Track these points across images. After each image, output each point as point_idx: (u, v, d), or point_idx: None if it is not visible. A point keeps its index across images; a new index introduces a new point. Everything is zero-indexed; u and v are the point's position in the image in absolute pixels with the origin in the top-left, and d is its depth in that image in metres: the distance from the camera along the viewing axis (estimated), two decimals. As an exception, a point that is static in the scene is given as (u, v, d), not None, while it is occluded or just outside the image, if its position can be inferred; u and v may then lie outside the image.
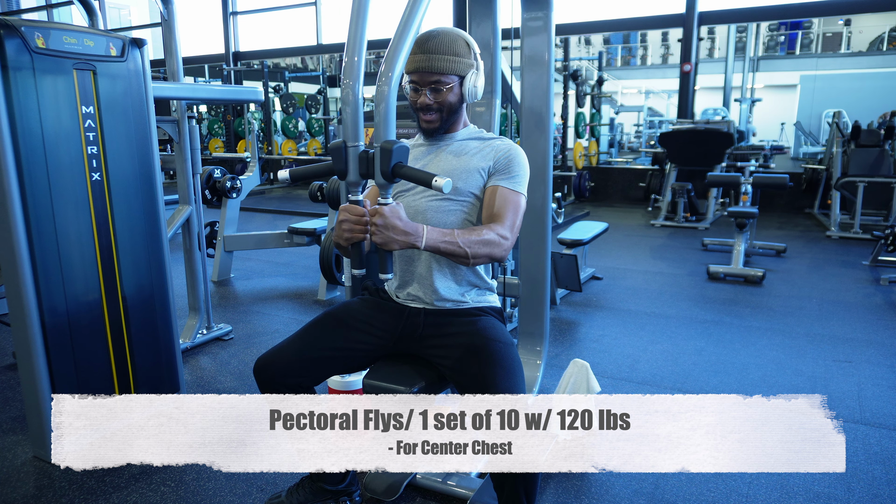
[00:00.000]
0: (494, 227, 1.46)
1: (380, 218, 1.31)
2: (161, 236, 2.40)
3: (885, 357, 3.06)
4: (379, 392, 1.55)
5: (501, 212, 1.50)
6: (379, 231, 1.31)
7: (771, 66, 19.37)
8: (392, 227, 1.31)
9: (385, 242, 1.32)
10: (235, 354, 3.14)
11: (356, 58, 1.33)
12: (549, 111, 2.28)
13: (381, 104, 1.36)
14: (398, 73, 1.36)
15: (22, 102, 1.90)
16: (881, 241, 4.75)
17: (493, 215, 1.51)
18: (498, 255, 1.45)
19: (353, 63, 1.33)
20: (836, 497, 1.91)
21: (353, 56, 1.33)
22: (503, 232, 1.46)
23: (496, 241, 1.44)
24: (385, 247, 1.33)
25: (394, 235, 1.32)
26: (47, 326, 2.03)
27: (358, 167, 1.35)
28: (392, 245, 1.32)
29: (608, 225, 4.82)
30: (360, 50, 1.33)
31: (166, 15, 2.84)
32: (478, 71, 1.56)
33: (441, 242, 1.38)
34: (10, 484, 1.99)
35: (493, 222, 1.49)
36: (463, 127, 1.65)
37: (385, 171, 1.31)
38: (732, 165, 7.20)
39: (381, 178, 1.32)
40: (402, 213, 1.34)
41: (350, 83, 1.33)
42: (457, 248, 1.40)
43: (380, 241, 1.32)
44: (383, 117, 1.37)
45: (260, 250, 5.48)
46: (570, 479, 2.02)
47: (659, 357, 3.08)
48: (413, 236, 1.34)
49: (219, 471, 2.07)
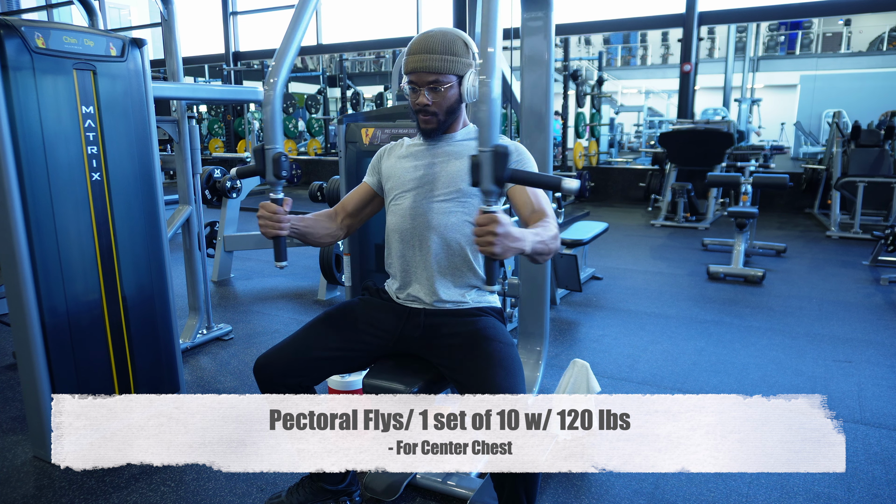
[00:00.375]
0: (549, 220, 1.43)
1: (499, 226, 1.18)
2: (161, 236, 2.40)
3: (885, 357, 3.06)
4: (379, 392, 1.55)
5: (542, 206, 1.48)
6: (499, 241, 1.19)
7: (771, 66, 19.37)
8: (510, 235, 1.20)
9: (504, 251, 1.21)
10: (235, 354, 3.14)
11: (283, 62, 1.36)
12: (549, 111, 2.27)
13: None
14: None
15: (22, 102, 1.90)
16: (881, 241, 4.75)
17: (535, 211, 1.48)
18: (559, 247, 1.43)
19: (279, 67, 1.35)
20: (836, 497, 1.91)
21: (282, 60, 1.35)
22: (556, 224, 1.44)
23: (558, 234, 1.41)
24: (503, 256, 1.22)
25: (510, 244, 1.21)
26: (47, 326, 2.03)
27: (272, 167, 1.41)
28: (508, 254, 1.22)
29: (608, 225, 4.82)
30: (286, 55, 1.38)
31: (166, 15, 2.84)
32: (476, 71, 1.56)
33: (537, 244, 1.32)
34: (10, 484, 1.99)
35: (540, 218, 1.45)
36: (462, 127, 1.65)
37: (500, 176, 1.18)
38: (732, 165, 7.20)
39: (491, 185, 1.19)
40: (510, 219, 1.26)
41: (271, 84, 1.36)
42: (545, 247, 1.34)
43: (499, 251, 1.20)
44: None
45: (260, 250, 5.48)
46: (570, 479, 2.02)
47: (659, 357, 3.08)
48: (522, 241, 1.25)
49: (219, 471, 2.07)
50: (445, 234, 1.58)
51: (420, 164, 1.62)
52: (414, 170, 1.63)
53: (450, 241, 1.58)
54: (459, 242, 1.58)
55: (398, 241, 1.63)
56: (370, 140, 2.52)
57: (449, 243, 1.58)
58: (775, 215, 7.81)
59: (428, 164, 1.61)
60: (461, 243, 1.59)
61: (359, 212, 1.73)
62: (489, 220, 1.18)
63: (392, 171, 1.67)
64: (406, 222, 1.61)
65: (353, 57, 16.27)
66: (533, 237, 1.30)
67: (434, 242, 1.58)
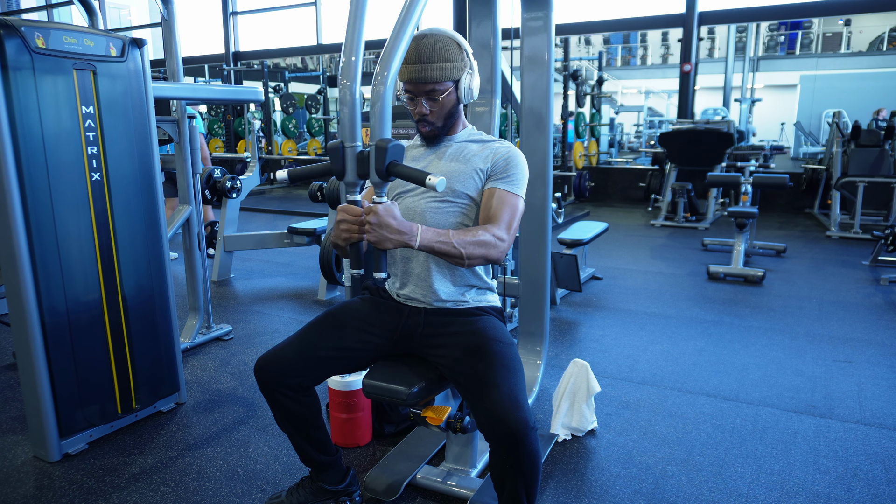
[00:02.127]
0: (490, 228, 1.46)
1: (374, 216, 1.30)
2: (161, 236, 2.40)
3: (885, 357, 3.06)
4: (379, 392, 1.55)
5: (498, 213, 1.50)
6: (373, 229, 1.30)
7: (771, 66, 19.38)
8: (385, 225, 1.30)
9: (378, 241, 1.31)
10: (235, 354, 3.14)
11: (353, 58, 1.32)
12: (549, 111, 2.27)
13: (376, 104, 1.36)
14: (393, 72, 1.36)
15: (22, 102, 1.90)
16: (881, 241, 4.75)
17: (489, 216, 1.51)
18: (494, 256, 1.44)
19: (351, 63, 1.32)
20: (836, 497, 1.91)
21: (351, 56, 1.33)
22: (499, 233, 1.45)
23: (492, 242, 1.43)
24: (378, 245, 1.32)
25: (387, 234, 1.31)
26: (47, 326, 2.03)
27: (356, 167, 1.35)
28: (385, 244, 1.32)
29: (608, 225, 4.82)
30: (358, 50, 1.33)
31: (166, 15, 2.84)
32: (472, 71, 1.56)
33: (435, 242, 1.37)
34: (10, 484, 1.99)
35: (489, 223, 1.49)
36: (462, 128, 1.65)
37: (380, 169, 1.31)
38: (732, 165, 7.20)
39: (376, 177, 1.32)
40: (397, 212, 1.33)
41: (348, 83, 1.33)
42: (451, 249, 1.39)
43: (373, 240, 1.31)
44: (378, 117, 1.36)
45: (260, 250, 5.48)
46: (570, 479, 2.02)
47: (659, 357, 3.08)
48: (407, 235, 1.33)
49: (219, 471, 2.07)
50: None
51: (420, 166, 1.63)
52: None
53: None
54: None
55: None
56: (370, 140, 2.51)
57: None
58: (775, 215, 7.81)
59: (427, 166, 1.62)
60: None
61: None
62: (368, 210, 1.32)
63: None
64: (405, 223, 1.61)
65: (353, 57, 16.22)
66: (432, 235, 1.37)
67: None
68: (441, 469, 1.97)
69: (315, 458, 1.73)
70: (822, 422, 2.39)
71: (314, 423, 1.67)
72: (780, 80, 19.34)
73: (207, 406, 2.56)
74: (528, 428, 1.33)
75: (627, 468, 2.07)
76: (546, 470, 2.06)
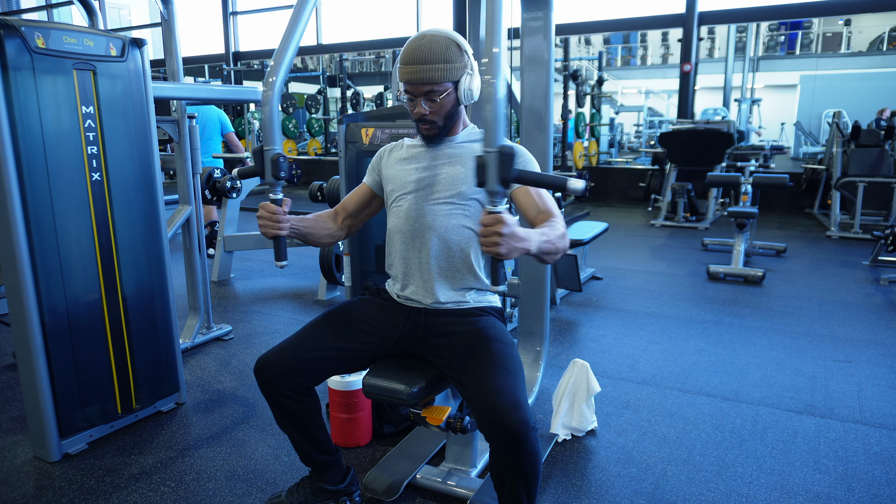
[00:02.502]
0: (556, 220, 1.43)
1: (504, 227, 1.18)
2: (161, 236, 2.40)
3: (885, 357, 3.06)
4: (379, 392, 1.55)
5: (548, 206, 1.48)
6: (504, 241, 1.19)
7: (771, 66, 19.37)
8: (515, 235, 1.20)
9: (510, 252, 1.21)
10: (235, 354, 3.14)
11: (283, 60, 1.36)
12: (549, 111, 2.27)
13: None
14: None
15: (22, 102, 1.90)
16: (881, 241, 4.75)
17: (542, 212, 1.47)
18: (567, 246, 1.41)
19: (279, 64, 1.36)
20: (836, 497, 1.91)
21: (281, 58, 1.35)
22: (563, 223, 1.44)
23: (566, 233, 1.41)
24: (508, 256, 1.21)
25: (515, 244, 1.21)
26: (47, 326, 2.03)
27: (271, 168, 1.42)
28: (514, 254, 1.23)
29: (608, 225, 4.82)
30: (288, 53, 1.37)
31: (166, 15, 2.84)
32: (472, 72, 1.55)
33: (543, 244, 1.32)
34: (10, 484, 1.99)
35: (547, 218, 1.45)
36: (463, 128, 1.65)
37: (506, 177, 1.18)
38: (732, 165, 7.20)
39: (495, 185, 1.19)
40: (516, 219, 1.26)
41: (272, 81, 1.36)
42: (552, 247, 1.35)
43: (504, 252, 1.20)
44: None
45: (260, 250, 5.48)
46: (570, 479, 2.02)
47: (659, 357, 3.08)
48: (527, 241, 1.25)
49: (219, 471, 2.07)
50: (445, 236, 1.58)
51: (420, 167, 1.62)
52: (414, 172, 1.63)
53: (450, 243, 1.58)
54: (459, 244, 1.58)
55: (400, 242, 1.64)
56: (370, 140, 2.52)
57: (449, 245, 1.58)
58: (775, 215, 7.80)
59: (428, 167, 1.61)
60: (461, 245, 1.59)
61: (359, 212, 1.74)
62: (494, 220, 1.18)
63: (392, 172, 1.67)
64: (406, 224, 1.61)
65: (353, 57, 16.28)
66: (539, 237, 1.31)
67: (434, 244, 1.58)
68: (441, 469, 1.97)
69: (315, 458, 1.73)
70: (822, 422, 2.39)
71: (314, 423, 1.67)
72: (780, 80, 19.34)
73: (207, 406, 2.56)
74: (528, 428, 1.33)
75: (627, 468, 2.07)
76: (546, 470, 2.06)
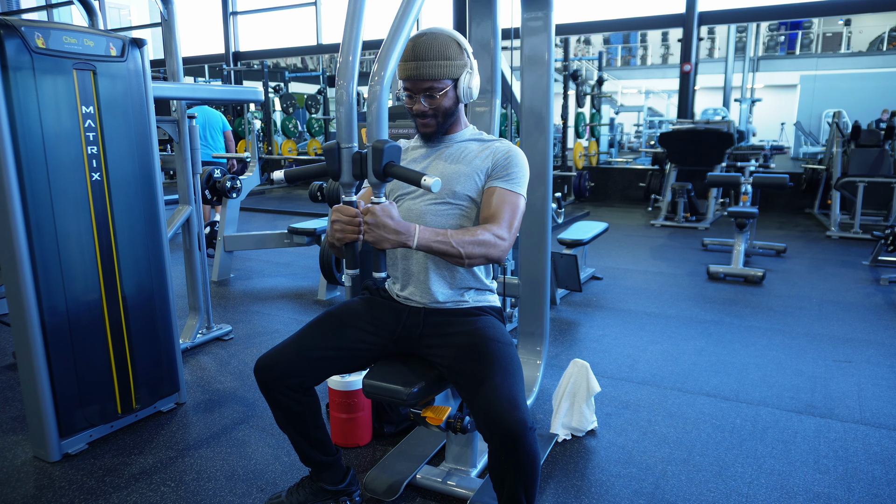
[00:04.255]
0: (490, 227, 1.45)
1: (371, 216, 1.32)
2: (161, 236, 2.40)
3: (885, 357, 3.06)
4: (379, 392, 1.55)
5: (498, 212, 1.49)
6: (370, 229, 1.32)
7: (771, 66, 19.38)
8: (383, 225, 1.32)
9: (376, 241, 1.33)
10: (235, 354, 3.14)
11: (350, 58, 1.33)
12: (549, 111, 2.27)
13: (373, 104, 1.36)
14: (390, 72, 1.37)
15: (22, 102, 1.90)
16: (881, 241, 4.75)
17: (489, 216, 1.50)
18: (494, 255, 1.44)
19: (348, 63, 1.33)
20: (836, 497, 1.91)
21: (348, 56, 1.33)
22: (499, 232, 1.45)
23: (492, 242, 1.43)
24: (376, 245, 1.34)
25: (384, 234, 1.32)
26: (47, 326, 2.03)
27: (352, 168, 1.36)
28: (383, 244, 1.33)
29: (608, 225, 4.82)
30: (355, 50, 1.34)
31: (166, 15, 2.84)
32: (472, 71, 1.55)
33: (434, 242, 1.38)
34: (10, 484, 1.99)
35: (489, 223, 1.48)
36: (462, 128, 1.65)
37: (377, 169, 1.33)
38: (732, 165, 7.20)
39: (374, 178, 1.34)
40: (394, 212, 1.35)
41: (344, 84, 1.34)
42: (450, 248, 1.39)
43: (371, 240, 1.33)
44: (375, 117, 1.37)
45: (260, 250, 5.49)
46: (570, 479, 2.02)
47: (659, 357, 3.08)
48: (405, 235, 1.34)
49: (219, 471, 2.07)
50: None
51: (419, 167, 1.62)
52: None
53: None
54: None
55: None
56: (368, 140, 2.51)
57: None
58: (775, 215, 7.80)
59: (426, 167, 1.62)
60: None
61: None
62: (365, 210, 1.33)
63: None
64: (405, 224, 1.62)
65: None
66: (430, 235, 1.37)
67: None
68: (441, 469, 1.97)
69: (315, 459, 1.73)
70: (822, 422, 2.39)
71: (314, 423, 1.67)
72: (780, 80, 19.34)
73: (207, 406, 2.56)
74: (525, 428, 1.33)
75: (627, 468, 2.07)
76: (546, 470, 2.06)
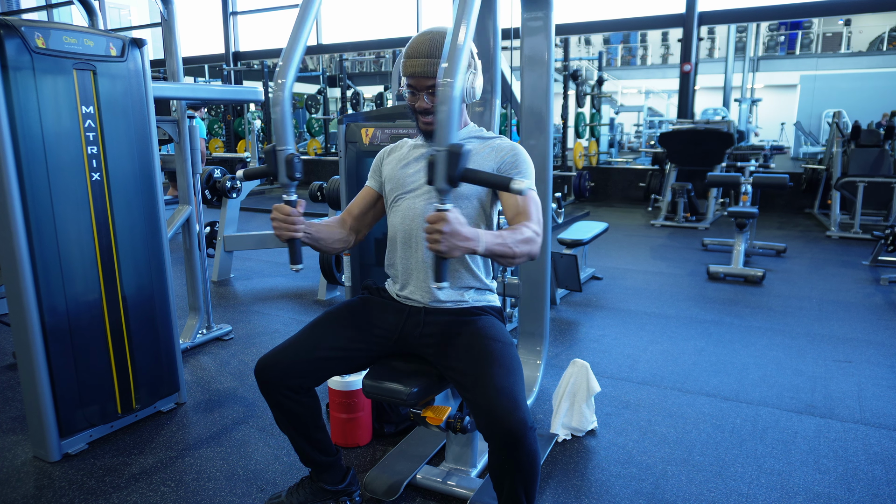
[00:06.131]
0: (529, 224, 1.44)
1: (445, 224, 1.21)
2: (161, 236, 2.40)
3: (885, 357, 3.06)
4: (379, 392, 1.55)
5: (527, 209, 1.48)
6: (445, 238, 1.22)
7: (771, 66, 19.37)
8: (457, 233, 1.23)
9: (450, 250, 1.23)
10: (235, 354, 3.14)
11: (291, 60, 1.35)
12: (549, 111, 2.27)
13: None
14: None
15: (22, 102, 1.90)
16: (881, 241, 4.75)
17: (519, 213, 1.49)
18: (535, 251, 1.43)
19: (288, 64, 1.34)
20: (836, 497, 1.91)
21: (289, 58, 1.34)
22: (536, 228, 1.45)
23: (533, 238, 1.42)
24: (449, 254, 1.24)
25: (457, 242, 1.24)
26: (47, 326, 2.03)
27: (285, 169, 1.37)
28: (454, 252, 1.25)
29: (608, 225, 4.82)
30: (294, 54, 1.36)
31: (166, 15, 2.84)
32: (475, 71, 1.55)
33: (495, 245, 1.34)
34: (10, 484, 1.99)
35: (521, 221, 1.46)
36: (462, 126, 1.65)
37: (454, 175, 1.22)
38: (732, 165, 7.20)
39: (444, 184, 1.23)
40: (463, 218, 1.28)
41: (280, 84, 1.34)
42: (507, 250, 1.36)
43: (444, 249, 1.23)
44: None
45: (260, 250, 5.48)
46: (570, 478, 2.02)
47: (659, 357, 3.08)
48: (474, 241, 1.28)
49: (219, 471, 2.07)
50: None
51: (420, 167, 1.62)
52: (413, 171, 1.63)
53: None
54: None
55: (400, 242, 1.64)
56: (370, 140, 2.52)
57: None
58: (775, 215, 7.80)
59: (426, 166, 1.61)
60: None
61: (364, 215, 1.73)
62: (437, 218, 1.23)
63: (393, 173, 1.67)
64: (404, 223, 1.62)
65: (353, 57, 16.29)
66: (491, 238, 1.33)
67: None
68: (441, 469, 1.97)
69: (315, 459, 1.73)
70: (822, 422, 2.39)
71: (314, 423, 1.67)
72: (780, 80, 19.34)
73: (207, 406, 2.56)
74: (526, 428, 1.33)
75: (627, 468, 2.07)
76: (546, 470, 2.06)
